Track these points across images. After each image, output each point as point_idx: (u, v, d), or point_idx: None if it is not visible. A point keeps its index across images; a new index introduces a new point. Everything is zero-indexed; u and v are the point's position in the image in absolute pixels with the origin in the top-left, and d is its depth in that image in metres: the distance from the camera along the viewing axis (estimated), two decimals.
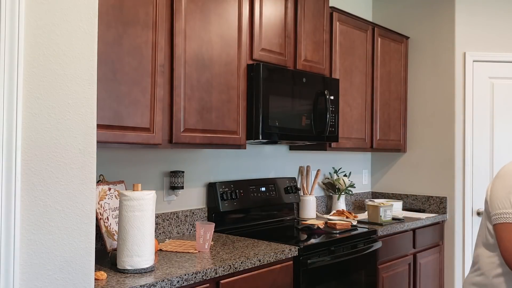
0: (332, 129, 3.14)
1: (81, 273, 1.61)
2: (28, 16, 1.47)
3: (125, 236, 1.95)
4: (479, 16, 3.91)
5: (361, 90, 3.61)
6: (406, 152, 4.18)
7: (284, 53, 2.94)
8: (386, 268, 3.22)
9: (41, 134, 1.51)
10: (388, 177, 4.29)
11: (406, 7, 4.18)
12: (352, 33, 3.53)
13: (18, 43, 1.44)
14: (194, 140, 2.40)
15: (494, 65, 3.90)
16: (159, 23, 2.24)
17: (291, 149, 3.55)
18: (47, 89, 1.52)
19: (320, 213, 3.75)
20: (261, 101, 2.66)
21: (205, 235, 2.35)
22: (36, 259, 1.50)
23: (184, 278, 1.95)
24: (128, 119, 2.12)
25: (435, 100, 4.01)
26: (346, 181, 3.77)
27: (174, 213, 2.74)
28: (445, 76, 3.96)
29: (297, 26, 3.03)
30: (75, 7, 1.59)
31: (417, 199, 4.09)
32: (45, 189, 1.52)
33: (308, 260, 2.53)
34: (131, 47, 2.13)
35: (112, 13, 2.06)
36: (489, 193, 1.87)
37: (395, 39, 3.98)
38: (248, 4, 2.70)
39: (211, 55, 2.49)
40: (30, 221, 1.48)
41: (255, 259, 2.26)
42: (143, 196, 1.97)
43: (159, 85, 2.24)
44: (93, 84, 1.64)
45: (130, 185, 2.50)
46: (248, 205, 3.05)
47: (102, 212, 2.24)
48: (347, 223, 3.06)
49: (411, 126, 4.15)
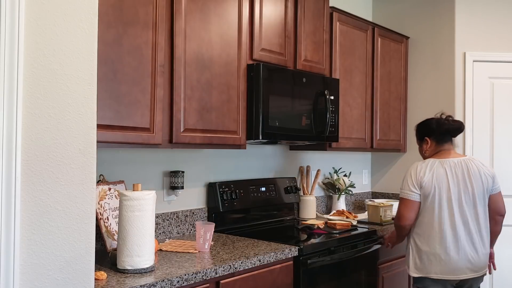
0: (332, 129, 3.14)
1: (81, 273, 1.61)
2: (28, 16, 1.47)
3: (125, 236, 1.95)
4: (479, 16, 3.91)
5: (361, 90, 3.61)
6: (406, 152, 4.18)
7: (284, 53, 2.94)
8: (386, 268, 3.22)
9: (41, 134, 1.51)
10: (388, 177, 4.29)
11: (406, 7, 4.18)
12: (352, 33, 3.53)
13: (18, 43, 1.44)
14: (194, 140, 2.40)
15: (494, 65, 3.90)
16: (159, 23, 2.24)
17: (291, 149, 3.55)
18: (47, 89, 1.52)
19: (320, 213, 3.75)
20: (261, 101, 2.66)
21: (205, 235, 2.35)
22: (36, 259, 1.50)
23: (184, 278, 1.95)
24: (128, 119, 2.12)
25: (435, 100, 4.01)
26: (346, 181, 3.77)
27: (174, 213, 2.74)
28: (445, 76, 3.96)
29: (297, 26, 3.03)
30: (75, 7, 1.59)
31: None
32: (45, 189, 1.52)
33: (308, 260, 2.53)
34: (131, 47, 2.13)
35: (112, 13, 2.06)
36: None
37: (395, 39, 3.98)
38: (248, 4, 2.70)
39: (211, 55, 2.49)
40: (30, 221, 1.48)
41: (255, 259, 2.26)
42: (143, 196, 1.97)
43: (159, 85, 2.24)
44: (93, 84, 1.64)
45: (130, 185, 2.50)
46: (248, 205, 3.05)
47: (102, 212, 2.24)
48: (347, 223, 3.06)
49: (411, 126, 4.14)
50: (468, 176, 2.55)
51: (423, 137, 2.73)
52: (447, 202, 2.52)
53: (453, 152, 2.66)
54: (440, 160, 2.60)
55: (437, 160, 2.60)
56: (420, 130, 2.77)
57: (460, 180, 2.54)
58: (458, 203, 2.52)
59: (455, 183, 2.53)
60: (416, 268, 2.59)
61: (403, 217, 2.58)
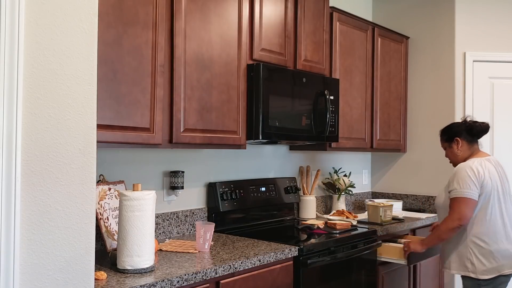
0: (332, 129, 3.14)
1: (81, 273, 1.61)
2: (28, 16, 1.47)
3: (125, 236, 1.95)
4: (479, 16, 3.91)
5: (361, 90, 3.61)
6: (406, 152, 4.18)
7: (284, 53, 2.94)
8: (386, 268, 3.22)
9: (41, 134, 1.51)
10: (388, 177, 4.29)
11: (406, 7, 4.18)
12: (352, 33, 3.53)
13: (18, 43, 1.44)
14: (194, 140, 2.40)
15: (494, 65, 3.90)
16: (159, 23, 2.24)
17: (291, 149, 3.55)
18: (47, 89, 1.52)
19: (320, 213, 3.75)
20: (261, 101, 2.66)
21: (205, 235, 2.35)
22: (36, 259, 1.50)
23: (184, 278, 1.95)
24: (128, 119, 2.12)
25: (435, 100, 4.01)
26: (346, 181, 3.77)
27: (174, 213, 2.74)
28: (445, 76, 3.96)
29: (297, 26, 3.03)
30: (75, 7, 1.59)
31: (417, 199, 4.09)
32: (45, 189, 1.52)
33: (308, 260, 2.53)
34: (131, 47, 2.13)
35: (112, 13, 2.06)
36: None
37: (395, 39, 3.98)
38: (248, 4, 2.70)
39: (211, 55, 2.49)
40: (30, 221, 1.48)
41: (255, 259, 2.26)
42: (143, 196, 1.97)
43: (159, 85, 2.24)
44: (93, 84, 1.64)
45: (130, 185, 2.50)
46: (248, 205, 3.05)
47: (102, 212, 2.24)
48: (347, 223, 3.06)
49: (411, 126, 4.15)
50: (504, 174, 2.66)
51: (453, 137, 2.71)
52: (499, 198, 2.57)
53: (483, 152, 2.70)
54: (484, 158, 2.62)
55: (482, 158, 2.62)
56: (448, 131, 2.75)
57: (503, 178, 2.63)
58: (504, 199, 2.59)
59: (501, 180, 2.61)
60: (486, 271, 2.52)
61: (466, 217, 2.50)
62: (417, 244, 2.80)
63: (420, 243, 2.80)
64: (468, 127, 2.69)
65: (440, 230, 2.62)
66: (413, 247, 2.82)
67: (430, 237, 2.73)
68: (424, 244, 2.77)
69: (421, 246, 2.78)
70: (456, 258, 2.61)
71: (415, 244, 2.81)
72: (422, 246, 2.78)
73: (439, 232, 2.63)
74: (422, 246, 2.77)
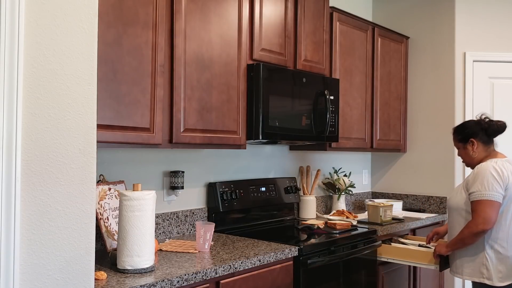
0: (332, 129, 3.14)
1: (81, 273, 1.61)
2: (28, 16, 1.47)
3: (125, 236, 1.95)
4: (479, 16, 3.91)
5: (361, 90, 3.61)
6: (406, 152, 4.18)
7: (284, 53, 2.94)
8: (386, 268, 3.22)
9: (41, 134, 1.51)
10: (388, 177, 4.29)
11: (406, 7, 4.18)
12: (352, 33, 3.53)
13: (18, 43, 1.44)
14: (194, 140, 2.40)
15: (494, 65, 3.90)
16: (159, 23, 2.24)
17: (291, 149, 3.55)
18: (47, 89, 1.52)
19: (320, 213, 3.75)
20: (261, 101, 2.66)
21: (205, 235, 2.35)
22: (36, 259, 1.50)
23: (184, 278, 1.95)
24: (128, 119, 2.12)
25: (435, 100, 4.01)
26: (346, 181, 3.77)
27: (174, 213, 2.74)
28: (445, 76, 3.96)
29: (297, 26, 3.03)
30: (75, 7, 1.59)
31: (417, 199, 4.09)
32: (45, 189, 1.52)
33: (308, 260, 2.53)
34: (131, 47, 2.13)
35: (112, 13, 2.06)
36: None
37: (395, 39, 3.98)
38: (248, 4, 2.70)
39: (211, 55, 2.49)
40: (30, 221, 1.48)
41: (255, 259, 2.26)
42: (143, 196, 1.97)
43: (159, 85, 2.24)
44: (93, 84, 1.64)
45: (130, 185, 2.50)
46: (248, 205, 3.05)
47: (102, 212, 2.24)
48: (347, 223, 3.06)
49: (411, 126, 4.15)
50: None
51: (468, 138, 2.59)
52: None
53: (500, 153, 2.59)
54: (504, 159, 2.51)
55: (502, 160, 2.51)
56: (462, 131, 2.63)
57: None
58: None
59: None
60: (503, 277, 2.43)
61: (490, 220, 2.37)
62: (443, 247, 2.65)
63: (445, 246, 2.63)
64: (484, 128, 2.57)
65: (463, 234, 2.47)
66: (438, 249, 2.68)
67: (454, 240, 2.56)
68: (448, 247, 2.61)
69: (446, 249, 2.62)
70: (470, 264, 2.50)
71: (441, 247, 2.66)
72: (447, 249, 2.62)
73: (462, 236, 2.48)
74: (447, 249, 2.62)
